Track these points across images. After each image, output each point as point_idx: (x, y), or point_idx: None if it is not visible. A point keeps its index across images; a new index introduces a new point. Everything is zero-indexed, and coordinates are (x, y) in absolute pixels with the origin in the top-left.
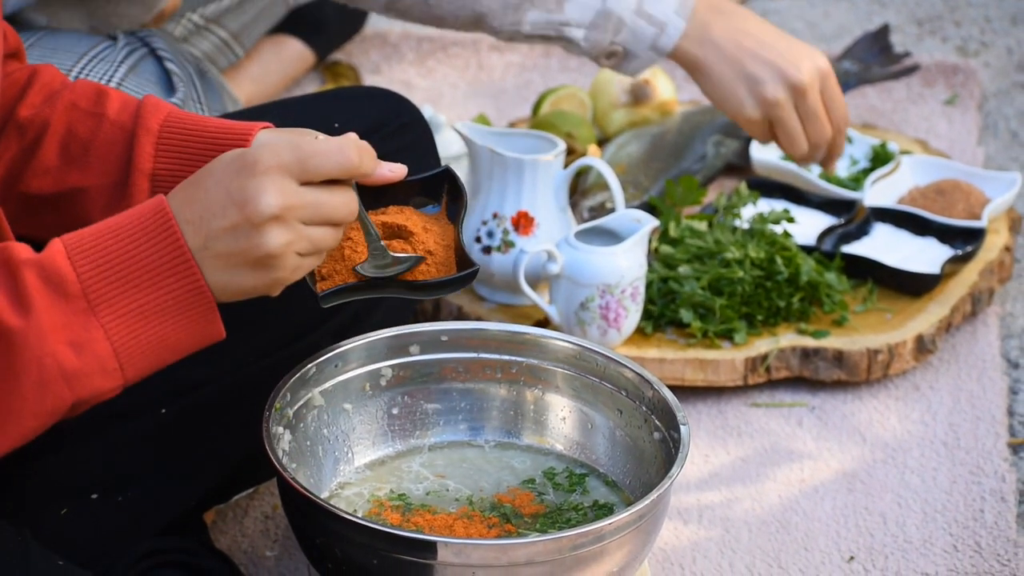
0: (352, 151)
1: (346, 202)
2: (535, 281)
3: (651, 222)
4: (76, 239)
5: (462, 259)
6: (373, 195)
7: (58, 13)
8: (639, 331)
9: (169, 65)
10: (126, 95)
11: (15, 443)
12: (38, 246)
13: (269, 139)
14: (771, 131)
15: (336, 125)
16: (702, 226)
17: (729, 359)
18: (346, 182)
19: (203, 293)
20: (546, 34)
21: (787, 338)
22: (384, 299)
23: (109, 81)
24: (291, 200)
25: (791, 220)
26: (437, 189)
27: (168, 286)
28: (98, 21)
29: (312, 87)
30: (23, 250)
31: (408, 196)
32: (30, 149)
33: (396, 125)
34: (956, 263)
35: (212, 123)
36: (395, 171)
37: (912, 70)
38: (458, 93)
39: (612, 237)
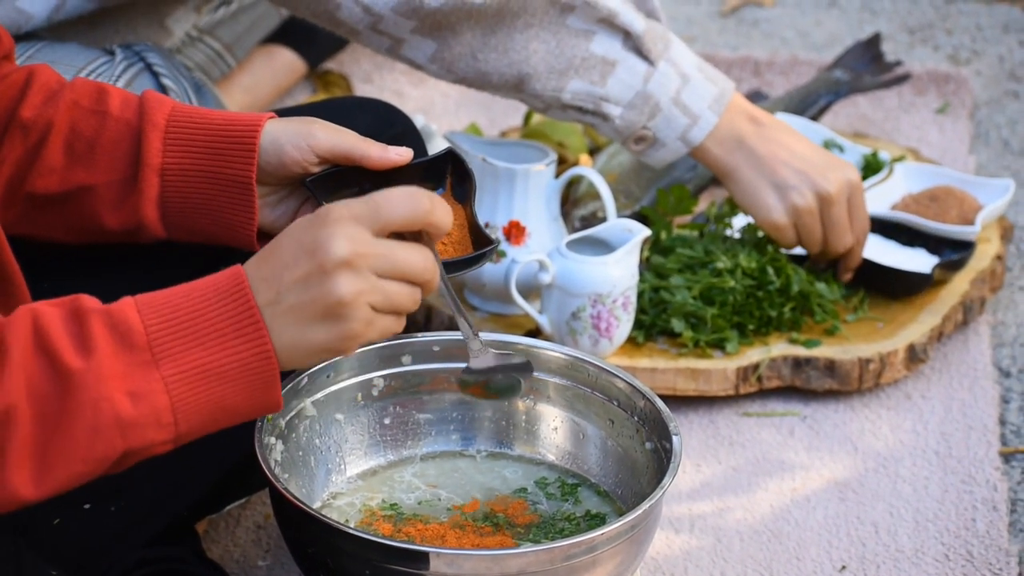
0: (423, 198)
1: (423, 259)
2: (527, 291)
3: (642, 232)
4: (147, 297)
5: (478, 237)
6: (379, 181)
7: (65, 33)
8: (631, 341)
9: (165, 81)
10: (125, 92)
11: (62, 487)
12: (39, 247)
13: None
14: (797, 238)
15: None
16: (693, 235)
17: (721, 369)
18: (425, 242)
19: (269, 358)
20: (584, 106)
21: (778, 347)
22: None
23: None
24: (362, 247)
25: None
26: (441, 171)
27: (235, 347)
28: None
29: (303, 97)
30: (91, 300)
31: (412, 180)
32: (34, 149)
33: (388, 135)
34: (947, 269)
35: (218, 115)
36: (401, 154)
37: (903, 79)
38: (450, 102)
39: (604, 247)
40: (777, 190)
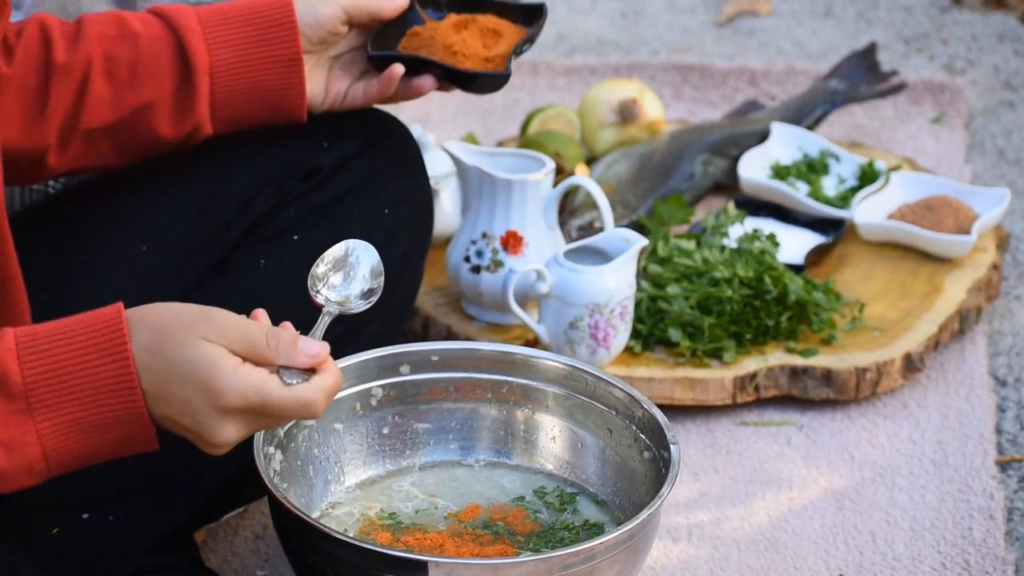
0: (319, 408)
1: (304, 413)
2: (524, 300)
3: (640, 241)
4: (30, 336)
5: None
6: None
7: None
8: (628, 350)
9: None
10: (138, 13)
11: None
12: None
13: (233, 365)
14: None
15: (325, 145)
16: (690, 245)
17: (718, 378)
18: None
19: (142, 417)
20: None
21: (776, 357)
22: (372, 320)
23: None
24: (249, 431)
25: (776, 244)
26: (531, 18)
27: (110, 406)
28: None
29: None
30: None
31: (502, 14)
32: (80, 89)
33: (384, 144)
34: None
35: (243, 4)
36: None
37: (899, 88)
38: (446, 112)
39: (601, 256)
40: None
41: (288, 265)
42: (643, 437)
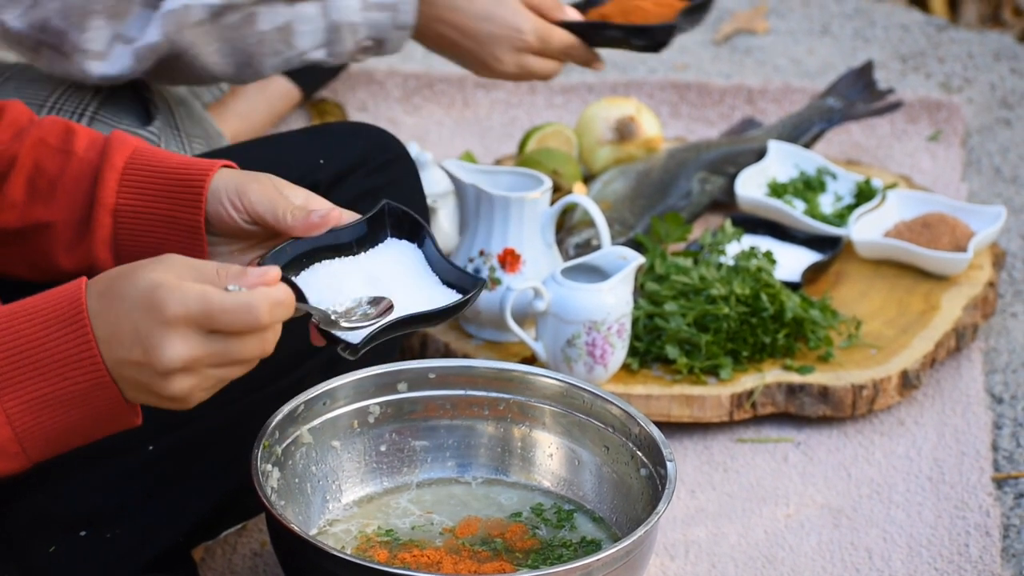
0: (262, 312)
1: (257, 345)
2: (522, 318)
3: (637, 259)
4: None
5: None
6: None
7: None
8: (625, 367)
9: (146, 93)
10: (95, 132)
11: None
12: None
13: (176, 280)
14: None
15: (321, 161)
16: (687, 263)
17: (715, 395)
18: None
19: (108, 387)
20: (292, 67)
21: (772, 374)
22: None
23: (85, 110)
24: (197, 352)
25: (772, 262)
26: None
27: (74, 378)
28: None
29: (298, 124)
30: None
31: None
32: None
33: (381, 160)
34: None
35: (175, 159)
36: (325, 219)
37: (896, 106)
38: (444, 130)
39: (598, 274)
40: (499, 49)
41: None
42: (640, 454)
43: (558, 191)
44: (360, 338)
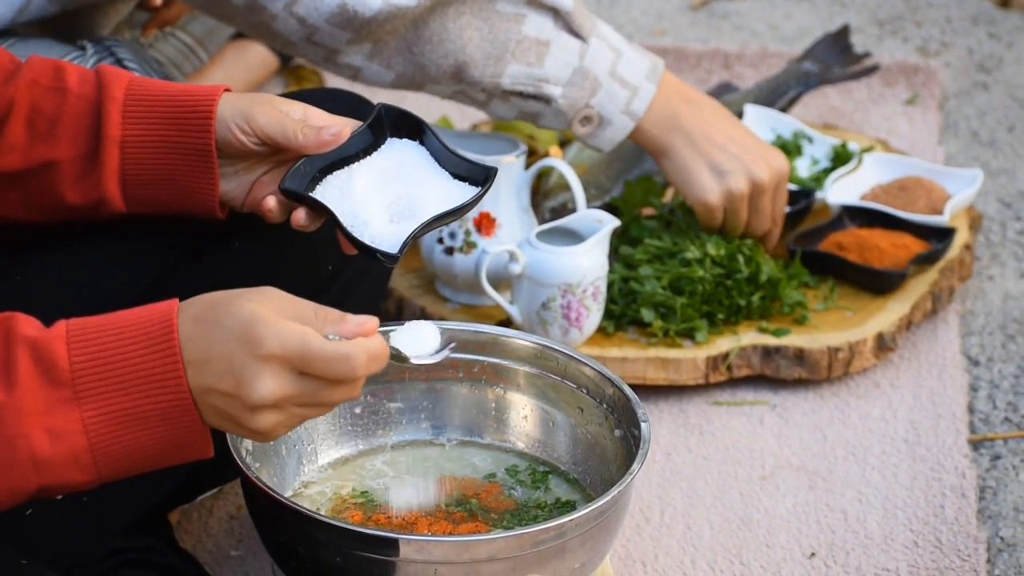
0: (359, 365)
1: (347, 392)
2: (497, 281)
3: (612, 222)
4: (80, 326)
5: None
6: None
7: (29, 35)
8: (601, 330)
9: (129, 64)
10: (82, 68)
11: None
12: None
13: (275, 317)
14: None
15: None
16: (661, 226)
17: (690, 358)
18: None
19: (189, 411)
20: (524, 90)
21: (748, 336)
22: (348, 303)
23: None
24: (288, 391)
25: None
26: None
27: (155, 397)
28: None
29: (276, 91)
30: (27, 324)
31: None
32: None
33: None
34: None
35: (174, 87)
36: (335, 135)
37: (872, 70)
38: (421, 96)
39: (574, 237)
40: (714, 172)
41: (263, 252)
42: (614, 416)
43: (534, 155)
44: (397, 247)
